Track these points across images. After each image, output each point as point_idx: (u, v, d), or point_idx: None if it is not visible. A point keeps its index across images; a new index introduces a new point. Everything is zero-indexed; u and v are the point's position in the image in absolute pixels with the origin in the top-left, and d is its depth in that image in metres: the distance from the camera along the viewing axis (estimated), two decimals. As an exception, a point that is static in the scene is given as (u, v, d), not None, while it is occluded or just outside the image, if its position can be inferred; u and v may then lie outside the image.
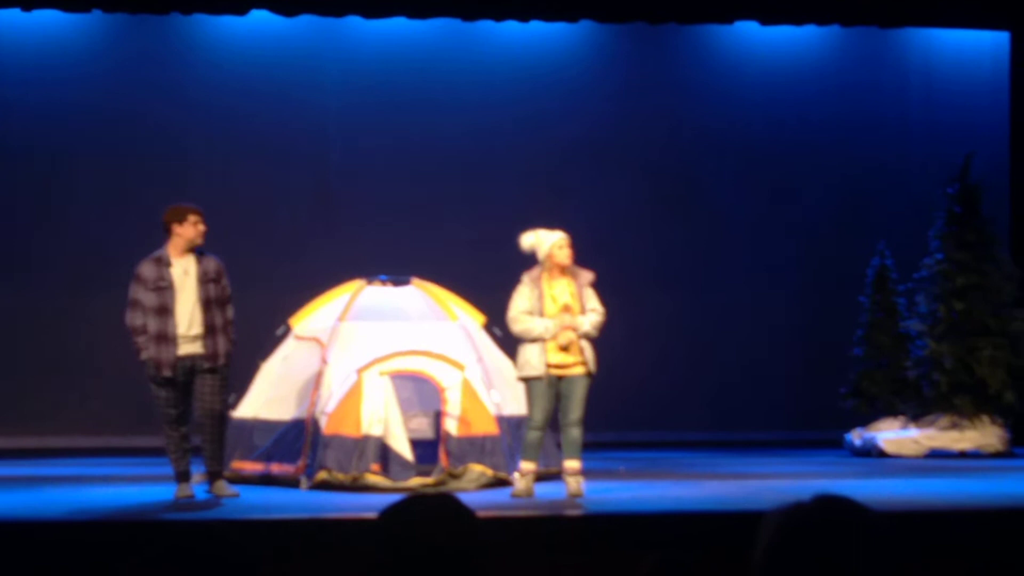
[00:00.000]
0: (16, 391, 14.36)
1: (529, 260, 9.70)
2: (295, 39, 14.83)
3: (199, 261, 9.47)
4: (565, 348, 9.47)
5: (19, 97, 14.50)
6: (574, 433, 9.52)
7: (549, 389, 9.49)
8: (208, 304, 9.42)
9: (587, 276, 9.69)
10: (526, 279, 9.64)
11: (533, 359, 9.50)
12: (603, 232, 14.62)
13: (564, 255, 9.61)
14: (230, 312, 9.56)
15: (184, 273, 9.42)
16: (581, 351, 9.50)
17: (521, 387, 9.82)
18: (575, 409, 9.50)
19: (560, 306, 9.52)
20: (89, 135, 14.60)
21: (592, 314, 9.56)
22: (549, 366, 9.48)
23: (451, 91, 15.10)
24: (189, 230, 9.44)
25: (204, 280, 9.44)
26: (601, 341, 9.68)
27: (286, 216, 14.92)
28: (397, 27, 14.67)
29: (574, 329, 9.47)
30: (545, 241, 9.63)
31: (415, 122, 14.97)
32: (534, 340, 9.50)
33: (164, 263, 9.43)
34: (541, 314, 9.51)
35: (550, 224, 9.74)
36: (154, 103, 14.65)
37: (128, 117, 14.60)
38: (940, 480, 10.97)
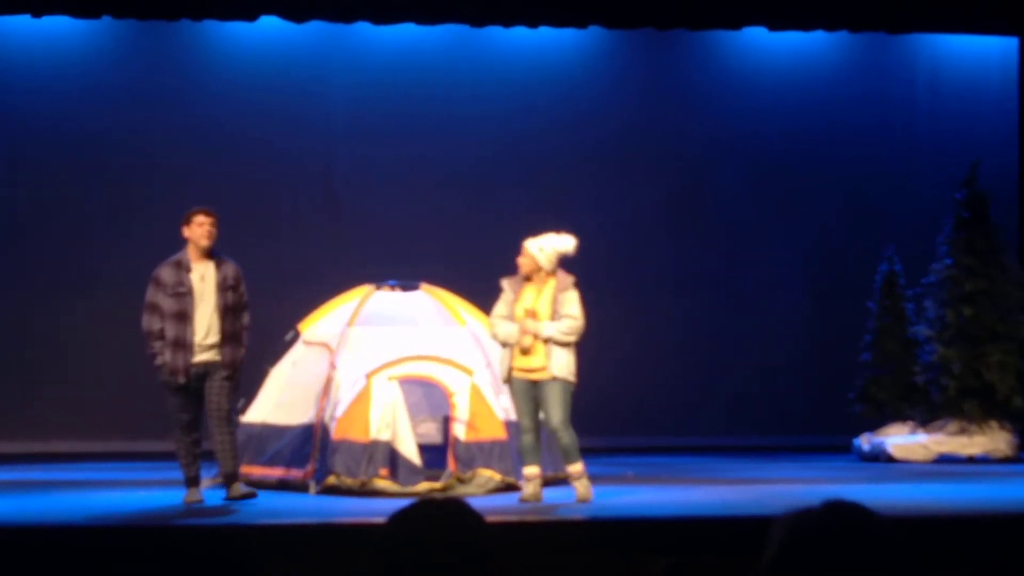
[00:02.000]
0: (23, 395, 14.36)
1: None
2: (304, 45, 14.84)
3: (218, 267, 9.44)
4: (526, 352, 9.47)
5: (27, 102, 14.51)
6: (562, 439, 9.47)
7: (522, 393, 9.53)
8: (225, 312, 9.38)
9: (566, 280, 9.58)
10: (505, 284, 9.67)
11: (504, 363, 9.61)
12: (612, 239, 14.62)
13: (519, 263, 9.62)
14: (246, 319, 9.52)
15: (201, 279, 9.39)
16: (547, 355, 9.45)
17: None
18: (552, 415, 9.43)
19: (524, 310, 9.53)
20: (96, 140, 14.59)
21: (566, 320, 9.46)
22: (514, 369, 9.53)
23: (460, 97, 15.09)
24: (195, 231, 9.42)
25: (223, 287, 9.40)
26: (611, 348, 9.66)
27: (294, 221, 14.92)
28: (406, 33, 14.66)
29: (534, 334, 9.46)
30: None
31: (424, 127, 14.96)
32: (504, 344, 9.58)
33: (184, 268, 9.40)
34: (512, 318, 9.54)
35: (555, 230, 9.74)
36: (162, 108, 14.66)
37: (136, 122, 14.59)
38: (949, 485, 10.96)
